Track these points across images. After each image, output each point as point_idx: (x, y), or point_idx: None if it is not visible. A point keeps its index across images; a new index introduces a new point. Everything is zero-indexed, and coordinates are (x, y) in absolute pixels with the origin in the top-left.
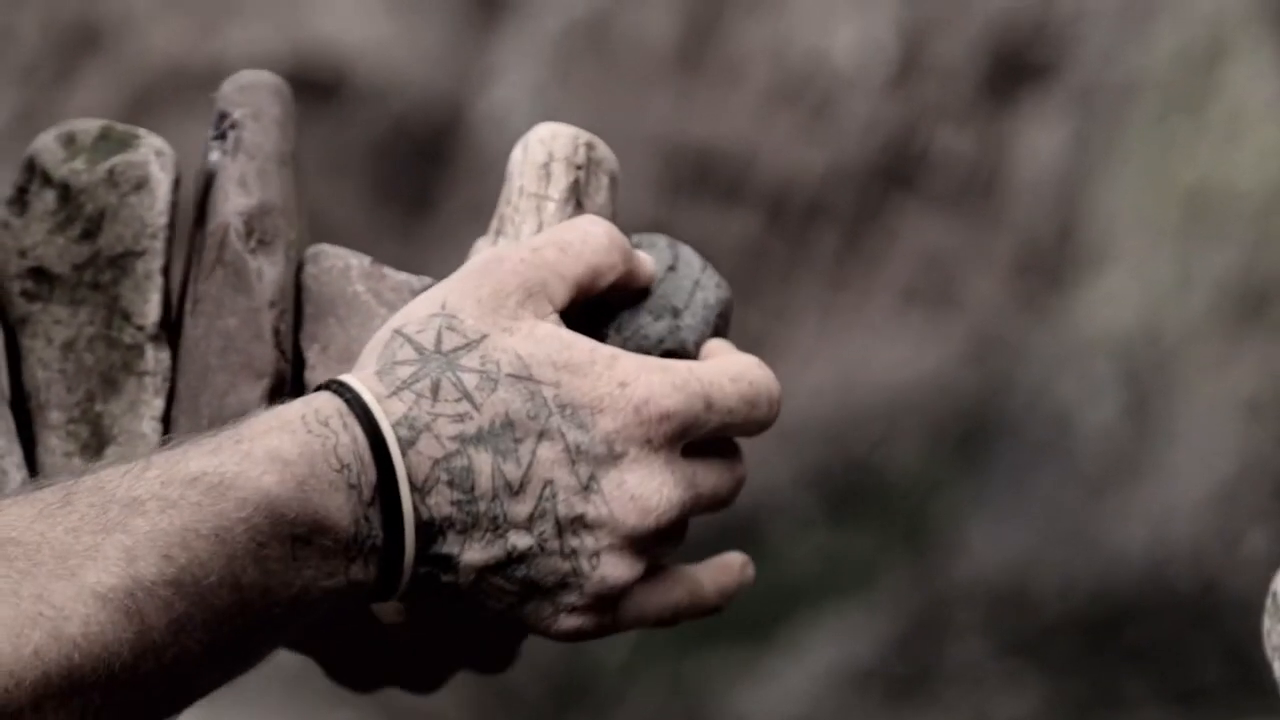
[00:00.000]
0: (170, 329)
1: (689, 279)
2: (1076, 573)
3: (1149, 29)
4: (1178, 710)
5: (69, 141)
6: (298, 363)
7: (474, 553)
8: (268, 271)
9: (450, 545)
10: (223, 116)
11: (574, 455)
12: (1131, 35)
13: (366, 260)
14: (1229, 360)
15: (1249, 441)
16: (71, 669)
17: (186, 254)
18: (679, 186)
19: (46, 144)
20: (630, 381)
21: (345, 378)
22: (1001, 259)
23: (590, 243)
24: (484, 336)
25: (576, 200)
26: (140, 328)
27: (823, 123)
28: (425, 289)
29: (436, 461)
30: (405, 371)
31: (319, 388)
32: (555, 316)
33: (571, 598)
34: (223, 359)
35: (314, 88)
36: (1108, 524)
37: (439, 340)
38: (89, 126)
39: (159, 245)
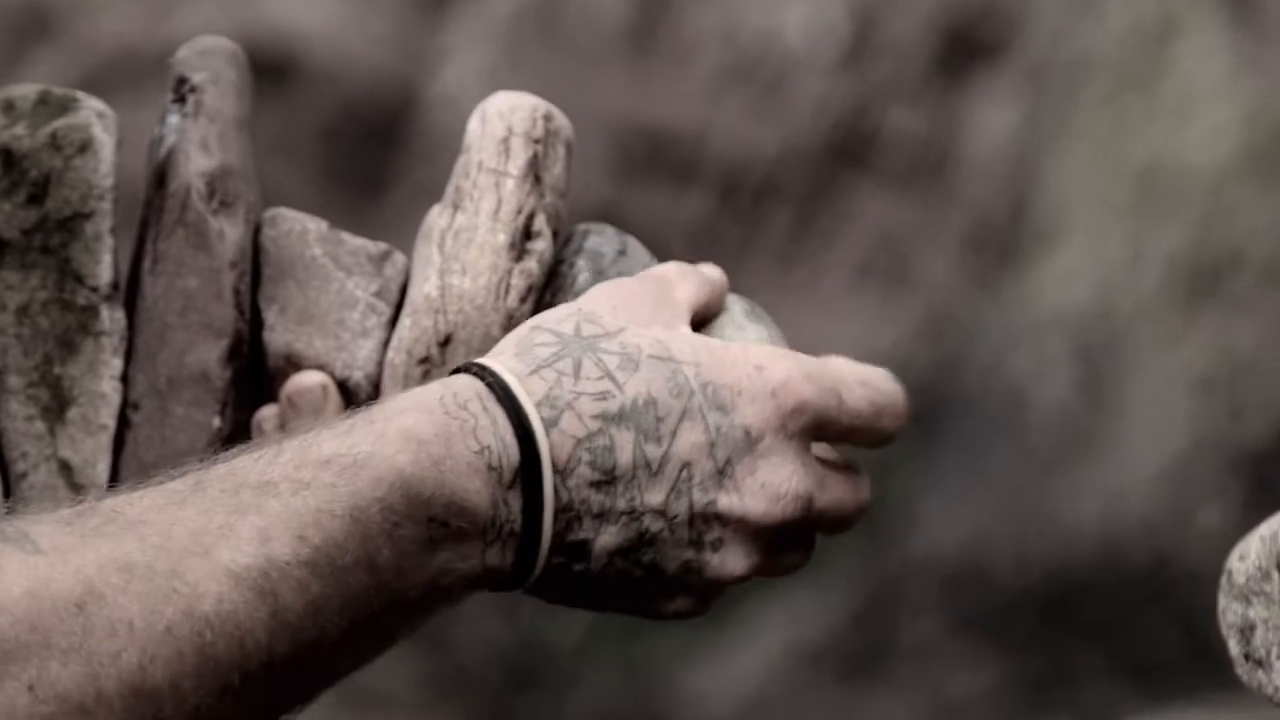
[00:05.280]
0: (121, 289)
1: (639, 264)
2: (1030, 549)
3: (1099, 7)
4: (1133, 685)
5: (8, 107)
6: (256, 323)
7: (608, 537)
8: (229, 232)
9: (585, 530)
10: (181, 80)
11: (714, 438)
12: (1082, 13)
13: (324, 224)
14: (1181, 336)
15: (1201, 417)
16: (204, 646)
17: (141, 215)
18: (631, 167)
19: None
20: (766, 366)
21: (484, 360)
22: (954, 237)
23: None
24: (622, 329)
25: (535, 175)
26: (94, 289)
27: (774, 102)
28: (382, 254)
29: (579, 441)
30: (546, 351)
31: (455, 371)
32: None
33: (689, 582)
34: (182, 318)
35: (265, 71)
36: (1061, 500)
37: (578, 329)
38: (26, 92)
39: (106, 206)
